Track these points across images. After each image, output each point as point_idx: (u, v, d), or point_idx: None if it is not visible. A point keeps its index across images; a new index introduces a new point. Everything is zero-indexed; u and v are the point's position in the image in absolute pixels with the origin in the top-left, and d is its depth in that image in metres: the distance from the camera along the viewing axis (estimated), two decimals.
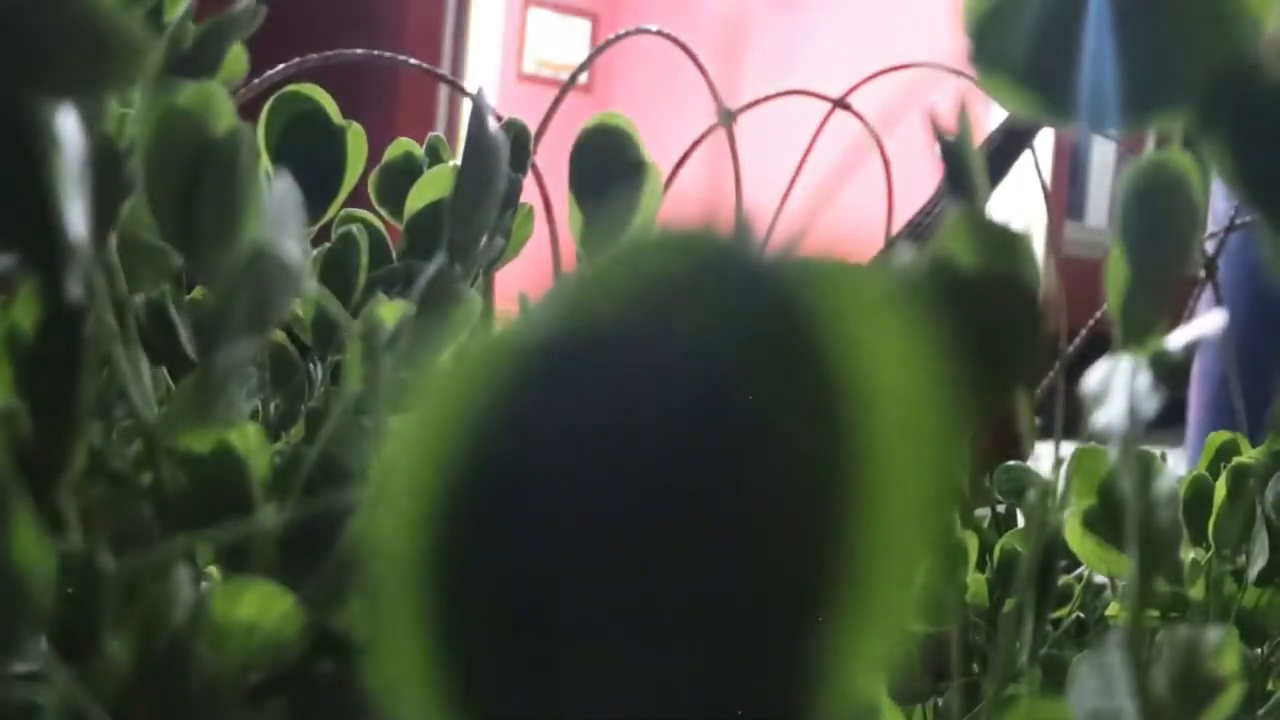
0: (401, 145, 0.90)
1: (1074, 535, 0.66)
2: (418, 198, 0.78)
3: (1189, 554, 0.83)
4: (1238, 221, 2.31)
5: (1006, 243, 0.29)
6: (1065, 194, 8.33)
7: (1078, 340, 2.25)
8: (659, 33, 1.93)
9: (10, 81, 0.26)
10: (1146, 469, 0.41)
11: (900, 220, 2.06)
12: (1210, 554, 0.81)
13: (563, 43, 10.21)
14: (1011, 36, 0.26)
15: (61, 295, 0.29)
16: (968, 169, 0.31)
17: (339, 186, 0.68)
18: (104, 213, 0.37)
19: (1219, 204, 3.13)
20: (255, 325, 0.33)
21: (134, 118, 0.37)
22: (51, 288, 0.28)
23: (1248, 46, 0.27)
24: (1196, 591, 0.77)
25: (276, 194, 0.35)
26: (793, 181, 2.23)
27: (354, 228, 0.64)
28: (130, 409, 0.41)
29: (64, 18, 0.26)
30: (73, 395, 0.30)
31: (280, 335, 0.68)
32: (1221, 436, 0.90)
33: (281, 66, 1.40)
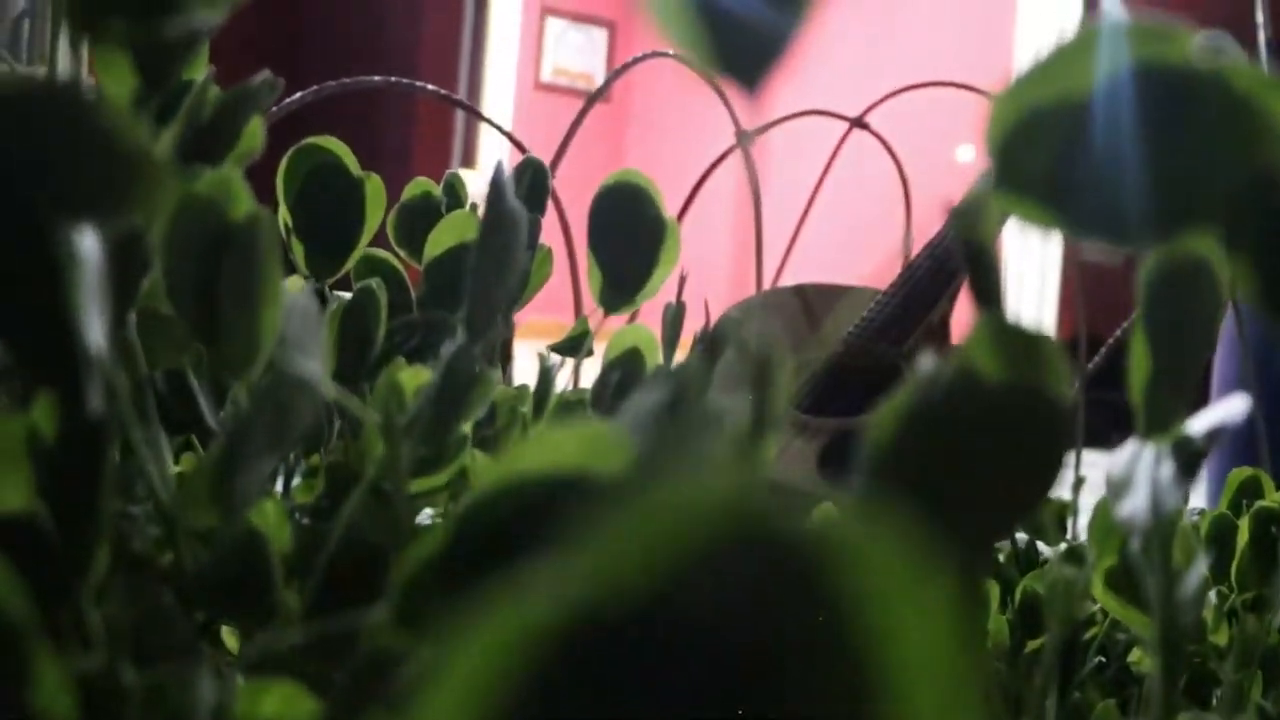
0: (419, 185, 0.90)
1: (1097, 589, 0.66)
2: (437, 243, 0.78)
3: (1210, 592, 0.82)
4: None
5: (1032, 349, 0.29)
6: None
7: (1098, 356, 2.24)
8: (676, 55, 1.93)
9: (30, 204, 0.26)
10: (1168, 540, 0.40)
11: (917, 231, 2.06)
12: (1233, 596, 0.81)
13: (580, 51, 10.23)
14: (1036, 156, 0.26)
15: (83, 407, 0.29)
16: (991, 271, 0.30)
17: (359, 237, 0.68)
18: (122, 291, 0.37)
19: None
20: (275, 444, 0.33)
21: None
22: (72, 400, 0.28)
23: (1273, 163, 0.27)
24: (1219, 636, 0.76)
25: (297, 308, 0.34)
26: (812, 199, 2.23)
27: (373, 282, 0.64)
28: (149, 489, 0.41)
29: (81, 139, 0.26)
30: (95, 502, 0.30)
31: None
32: (1243, 473, 0.90)
33: (299, 95, 1.41)
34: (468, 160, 9.22)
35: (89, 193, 0.26)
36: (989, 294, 0.30)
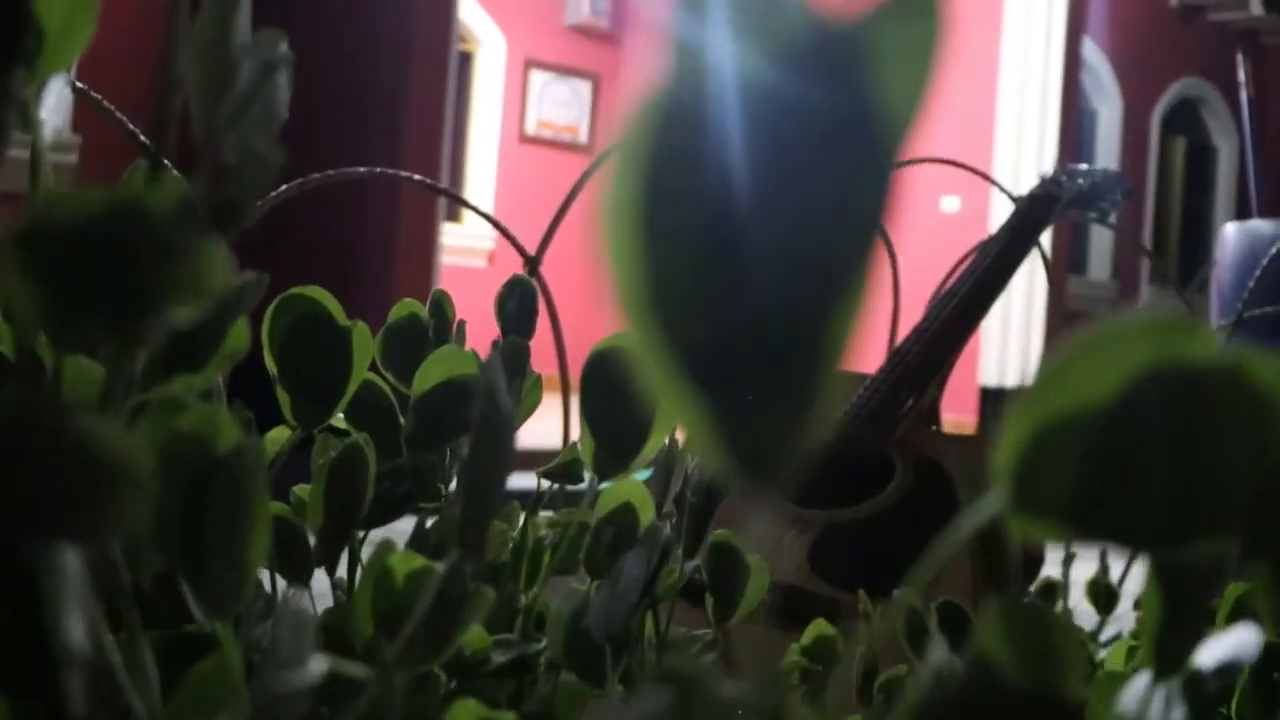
0: (405, 307, 0.89)
1: None
2: (425, 378, 0.77)
3: None
4: (1245, 315, 2.29)
5: (1049, 642, 0.28)
6: (1068, 249, 8.34)
7: None
8: None
9: (8, 525, 0.25)
10: None
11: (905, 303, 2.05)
12: None
13: (564, 104, 10.25)
14: (1053, 473, 0.25)
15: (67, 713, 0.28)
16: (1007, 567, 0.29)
17: (345, 387, 0.67)
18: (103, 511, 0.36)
19: (1226, 291, 3.12)
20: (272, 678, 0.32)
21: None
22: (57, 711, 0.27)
23: None
24: None
25: (287, 616, 0.33)
26: None
27: (361, 438, 0.63)
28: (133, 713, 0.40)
29: (62, 455, 0.25)
30: None
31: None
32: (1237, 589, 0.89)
33: (285, 187, 1.40)
34: (453, 212, 9.24)
35: (69, 508, 0.25)
36: (1003, 583, 0.29)
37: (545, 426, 1.21)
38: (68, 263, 0.25)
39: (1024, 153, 7.95)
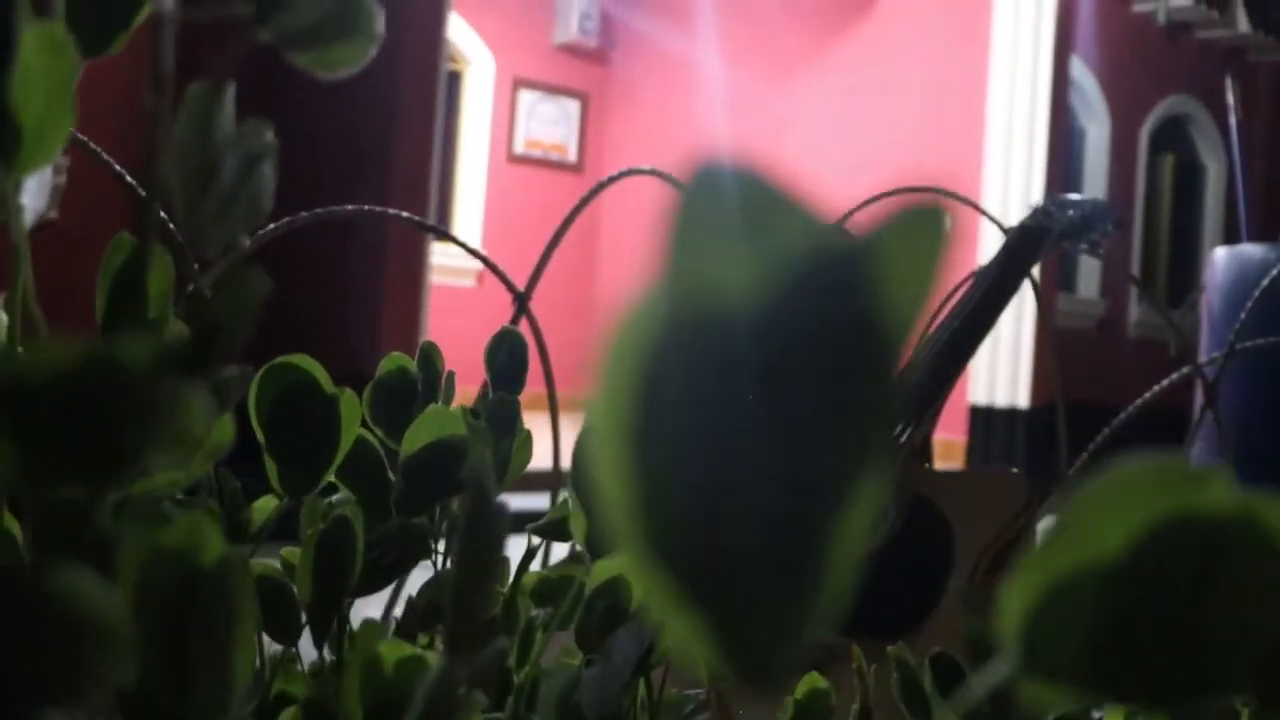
0: (394, 360, 0.89)
1: None
2: (414, 438, 0.76)
3: None
4: (1238, 346, 2.29)
5: None
6: (1056, 267, 8.35)
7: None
8: (652, 172, 1.92)
9: None
10: None
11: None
12: None
13: (553, 122, 10.26)
14: (1063, 635, 0.24)
15: None
16: None
17: (334, 456, 0.66)
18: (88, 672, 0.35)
19: (1216, 315, 3.12)
20: None
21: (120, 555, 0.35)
22: None
23: None
24: None
25: None
26: None
27: (348, 510, 0.62)
28: None
29: (41, 618, 0.24)
30: None
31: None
32: None
33: (271, 226, 1.39)
34: (444, 219, 9.21)
35: (54, 675, 0.24)
36: None
37: (535, 448, 1.20)
38: (40, 421, 0.24)
39: (1012, 171, 7.97)
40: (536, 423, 0.98)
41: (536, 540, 0.87)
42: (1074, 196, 1.92)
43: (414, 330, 5.34)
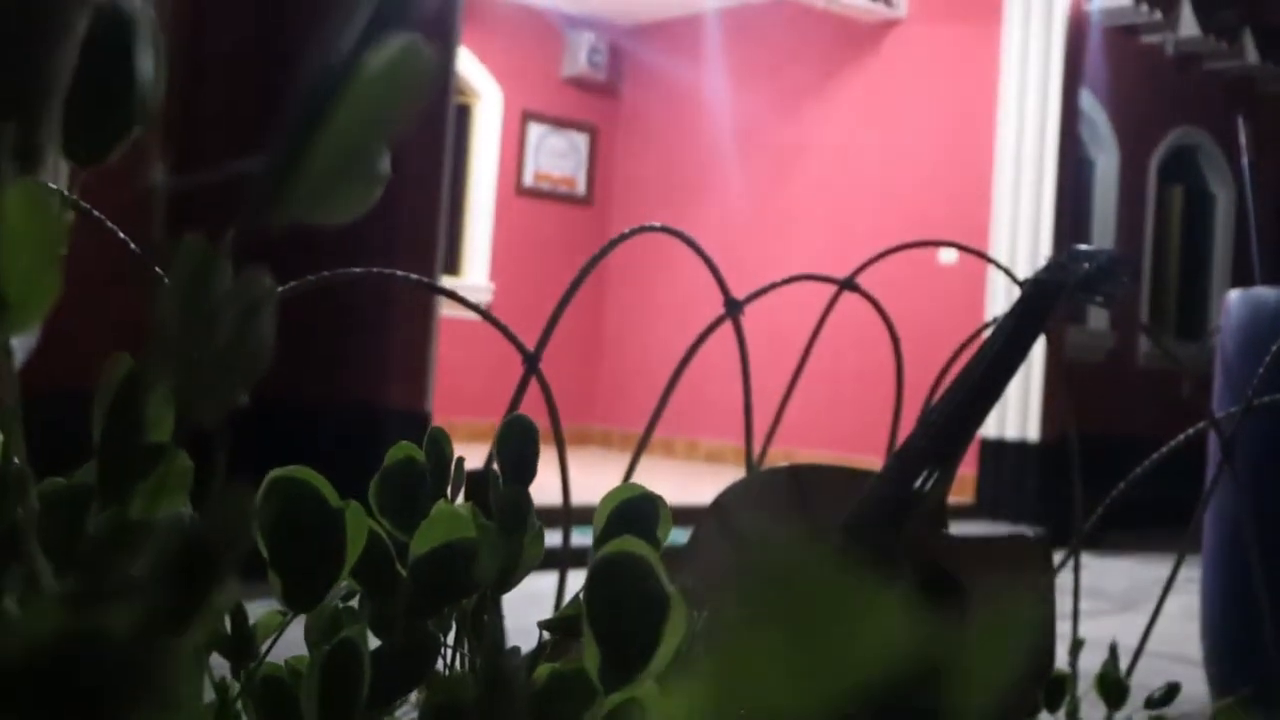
0: (402, 449, 0.87)
1: None
2: (423, 540, 0.74)
3: None
4: (1255, 402, 2.26)
5: None
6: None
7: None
8: (664, 229, 1.90)
9: None
10: None
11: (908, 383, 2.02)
12: None
13: (561, 155, 10.25)
14: None
15: None
16: None
17: (340, 570, 0.64)
18: None
19: (1231, 362, 3.08)
20: None
21: None
22: None
23: None
24: None
25: None
26: (802, 362, 2.19)
27: (354, 632, 0.60)
28: None
29: None
30: None
31: None
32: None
33: (279, 290, 1.37)
34: (451, 264, 9.22)
35: None
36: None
37: (544, 480, 1.17)
38: (25, 693, 0.22)
39: (1022, 203, 7.95)
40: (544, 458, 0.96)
41: (546, 636, 0.85)
42: (1088, 249, 1.90)
43: (423, 363, 5.31)
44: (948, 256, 8.14)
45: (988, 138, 8.17)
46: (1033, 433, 7.86)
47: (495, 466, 0.88)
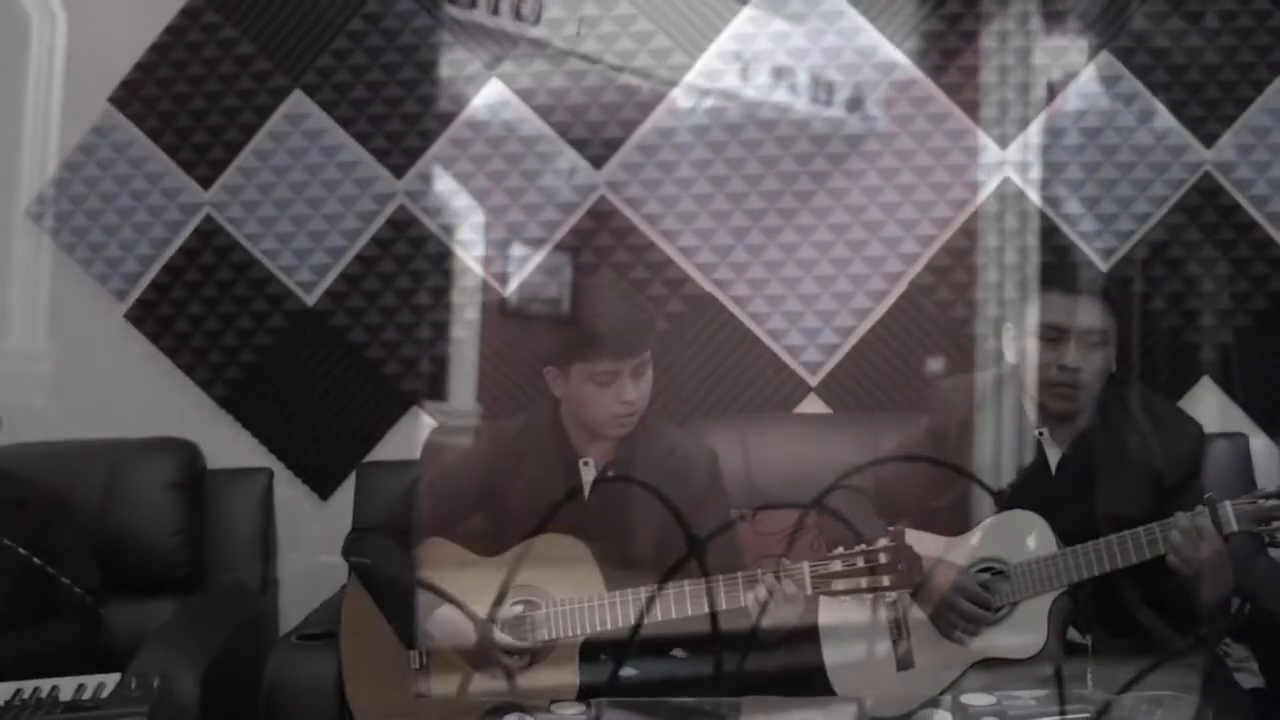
0: None
1: None
2: None
3: None
4: (1274, 493, 2.19)
5: None
6: None
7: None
8: (641, 484, 1.87)
9: None
10: None
11: None
12: None
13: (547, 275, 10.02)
14: None
15: None
16: None
17: None
18: None
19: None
20: None
21: None
22: None
23: None
24: None
25: None
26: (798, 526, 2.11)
27: None
28: None
29: None
30: None
31: None
32: None
33: None
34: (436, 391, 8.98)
35: None
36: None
37: None
38: None
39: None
40: None
41: None
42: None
43: None
44: (933, 366, 8.00)
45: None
46: None
47: None
